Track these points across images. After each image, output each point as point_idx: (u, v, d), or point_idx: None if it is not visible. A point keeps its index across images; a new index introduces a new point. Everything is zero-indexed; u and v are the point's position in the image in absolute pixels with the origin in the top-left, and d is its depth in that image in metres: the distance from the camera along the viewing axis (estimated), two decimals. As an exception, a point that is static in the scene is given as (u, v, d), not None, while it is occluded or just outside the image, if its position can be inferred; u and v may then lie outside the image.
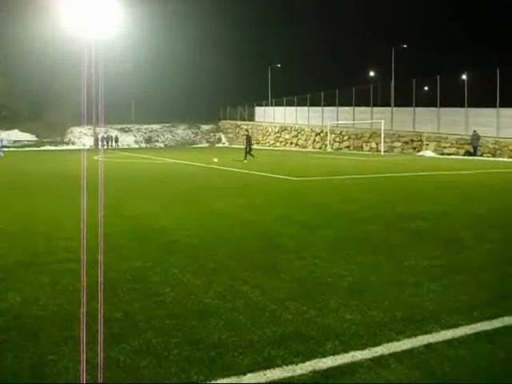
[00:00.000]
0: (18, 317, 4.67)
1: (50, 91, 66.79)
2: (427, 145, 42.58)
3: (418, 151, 42.74)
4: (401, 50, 56.31)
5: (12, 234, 8.52)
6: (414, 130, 44.94)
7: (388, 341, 4.10)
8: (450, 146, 40.81)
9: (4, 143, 62.86)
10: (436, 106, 43.34)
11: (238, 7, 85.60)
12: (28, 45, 62.34)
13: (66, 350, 3.95)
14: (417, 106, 45.56)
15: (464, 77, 43.34)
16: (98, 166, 28.00)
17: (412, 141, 44.49)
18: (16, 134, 67.29)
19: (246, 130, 36.71)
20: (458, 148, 40.13)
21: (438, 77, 42.90)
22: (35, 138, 67.99)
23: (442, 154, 40.10)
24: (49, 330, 4.34)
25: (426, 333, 4.25)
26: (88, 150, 60.20)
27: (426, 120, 43.90)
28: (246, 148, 29.93)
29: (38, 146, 65.41)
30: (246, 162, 28.28)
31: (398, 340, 4.12)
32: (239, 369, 3.66)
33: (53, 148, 64.91)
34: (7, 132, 65.97)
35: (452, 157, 37.87)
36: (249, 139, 30.35)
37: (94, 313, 4.56)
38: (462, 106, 41.22)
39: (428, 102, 45.25)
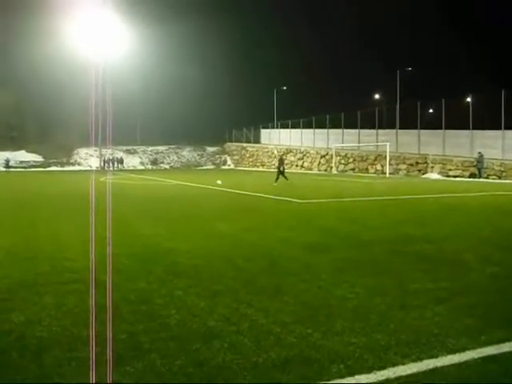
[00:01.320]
0: (21, 337, 4.66)
1: (57, 112, 67.38)
2: (432, 167, 42.60)
3: (424, 173, 42.75)
4: (406, 73, 56.63)
5: (17, 254, 8.53)
6: (419, 152, 44.99)
7: (393, 364, 4.07)
8: (456, 169, 40.80)
9: (11, 163, 63.50)
10: (441, 128, 43.42)
11: (244, 30, 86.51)
12: (36, 66, 63.03)
13: (70, 371, 3.94)
14: (422, 128, 45.68)
15: (469, 99, 43.48)
16: (105, 187, 28.08)
17: (417, 163, 44.51)
18: (23, 155, 67.79)
19: (279, 151, 36.92)
20: (463, 170, 40.11)
21: (443, 99, 43.09)
22: (42, 159, 68.45)
23: (448, 176, 40.08)
24: (52, 351, 4.32)
25: (431, 357, 4.21)
26: (94, 171, 60.42)
27: (431, 142, 43.99)
28: (278, 170, 29.74)
29: (45, 167, 65.85)
30: (289, 182, 28.42)
31: (404, 364, 4.08)
32: (243, 392, 3.64)
33: (59, 169, 65.31)
34: (14, 153, 66.50)
35: (457, 179, 37.83)
36: (281, 161, 30.18)
37: (99, 334, 4.54)
38: (467, 128, 41.29)
39: (433, 124, 45.37)
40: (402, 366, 4.05)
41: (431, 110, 49.95)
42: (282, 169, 29.48)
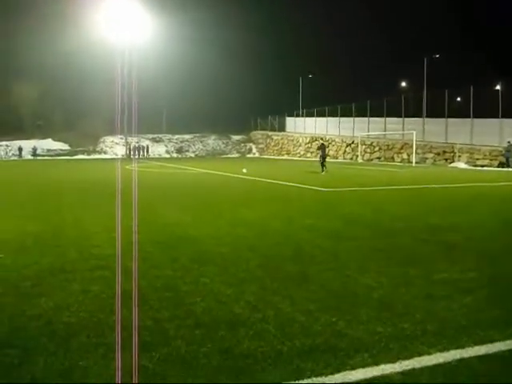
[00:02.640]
0: (49, 322, 4.73)
1: (83, 101, 67.96)
2: (460, 156, 42.04)
3: (451, 162, 42.22)
4: (433, 60, 55.83)
5: (45, 241, 8.66)
6: (447, 141, 44.41)
7: (419, 354, 4.03)
8: (484, 158, 40.21)
9: (38, 152, 64.39)
10: (469, 117, 42.76)
11: (270, 18, 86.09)
12: (62, 55, 63.59)
13: (97, 356, 3.99)
14: (449, 116, 45.03)
15: (498, 87, 42.71)
16: (130, 175, 28.31)
17: (444, 152, 43.96)
18: (50, 143, 68.64)
19: (321, 139, 36.19)
20: (492, 159, 39.50)
21: (472, 87, 42.39)
22: (68, 147, 69.21)
23: (475, 166, 39.52)
24: (79, 337, 4.38)
25: (458, 347, 4.17)
26: (120, 159, 60.93)
27: (458, 131, 43.33)
28: (320, 159, 29.00)
29: (71, 155, 66.61)
30: (323, 174, 27.43)
31: (430, 354, 4.05)
32: (268, 379, 3.65)
33: (85, 157, 66.01)
34: (41, 141, 67.42)
35: (485, 168, 37.30)
36: (323, 149, 29.20)
37: (125, 320, 4.59)
38: (496, 116, 40.59)
39: (461, 112, 44.69)
40: (428, 356, 4.02)
41: (459, 99, 49.24)
42: (321, 155, 28.74)
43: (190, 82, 74.56)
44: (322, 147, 29.60)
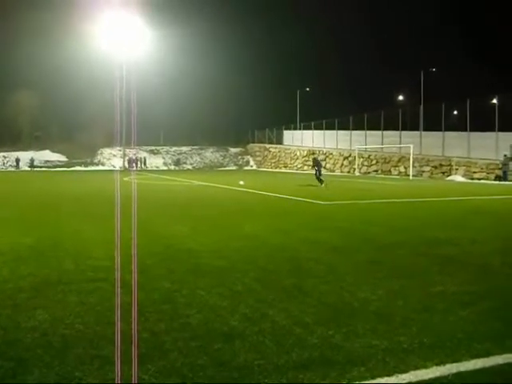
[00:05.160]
0: (45, 334, 4.71)
1: (81, 113, 68.13)
2: (457, 169, 42.13)
3: (448, 176, 42.31)
4: (430, 74, 56.09)
5: (42, 252, 8.63)
6: (444, 154, 44.53)
7: (416, 368, 4.02)
8: (480, 171, 40.32)
9: (35, 163, 64.39)
10: (466, 130, 42.92)
11: (268, 32, 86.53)
12: (61, 67, 63.86)
13: (92, 368, 3.97)
14: (446, 130, 45.19)
15: (495, 100, 42.91)
16: (128, 187, 28.30)
17: (441, 165, 44.06)
18: (47, 155, 68.68)
19: (313, 153, 35.73)
20: (488, 173, 39.62)
21: (468, 100, 42.58)
22: (66, 159, 69.23)
23: (472, 179, 39.62)
24: (75, 349, 4.36)
25: (455, 361, 4.15)
26: (117, 170, 60.93)
27: (455, 144, 43.46)
28: (315, 173, 28.40)
29: (69, 167, 66.61)
30: (322, 186, 27.02)
31: (426, 367, 4.04)
32: (264, 392, 3.63)
33: (83, 169, 65.97)
34: (38, 152, 67.48)
35: (482, 181, 37.38)
36: (317, 163, 28.58)
37: (121, 332, 4.57)
38: (492, 129, 40.76)
39: (458, 126, 44.86)
40: (425, 369, 4.00)
41: (456, 112, 49.40)
42: (316, 170, 28.26)
43: (188, 94, 74.89)
44: (316, 162, 29.09)
